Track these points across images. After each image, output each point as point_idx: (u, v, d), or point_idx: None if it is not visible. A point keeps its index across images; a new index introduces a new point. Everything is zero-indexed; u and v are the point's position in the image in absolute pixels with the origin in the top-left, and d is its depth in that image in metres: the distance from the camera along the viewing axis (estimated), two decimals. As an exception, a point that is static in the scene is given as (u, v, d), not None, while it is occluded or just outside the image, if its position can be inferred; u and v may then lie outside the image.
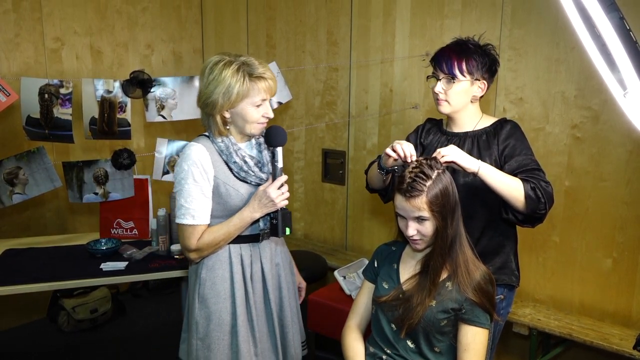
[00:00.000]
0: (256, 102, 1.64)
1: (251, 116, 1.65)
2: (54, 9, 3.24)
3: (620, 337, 2.25)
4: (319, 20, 3.32)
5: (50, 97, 2.54)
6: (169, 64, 3.92)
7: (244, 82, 1.60)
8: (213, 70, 1.61)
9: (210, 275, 1.72)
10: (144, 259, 2.49)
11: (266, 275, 1.77)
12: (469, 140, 1.81)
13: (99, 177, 2.72)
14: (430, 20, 2.81)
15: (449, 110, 1.79)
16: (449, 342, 1.55)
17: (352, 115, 3.25)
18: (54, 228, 3.38)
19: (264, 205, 1.66)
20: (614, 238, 2.38)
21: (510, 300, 1.87)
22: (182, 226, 1.67)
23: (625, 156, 2.31)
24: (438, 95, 1.77)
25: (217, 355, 1.69)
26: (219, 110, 1.63)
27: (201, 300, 1.72)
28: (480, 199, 1.73)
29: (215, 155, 1.68)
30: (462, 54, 1.73)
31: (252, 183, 1.71)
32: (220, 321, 1.70)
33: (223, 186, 1.67)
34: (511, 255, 1.84)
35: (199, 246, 1.67)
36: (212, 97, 1.61)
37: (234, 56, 1.64)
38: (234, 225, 1.67)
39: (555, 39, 2.42)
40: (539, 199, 1.61)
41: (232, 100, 1.61)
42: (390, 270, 1.67)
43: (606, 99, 2.31)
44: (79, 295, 3.28)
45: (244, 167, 1.68)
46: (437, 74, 1.77)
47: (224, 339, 1.70)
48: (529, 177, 1.64)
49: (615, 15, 0.92)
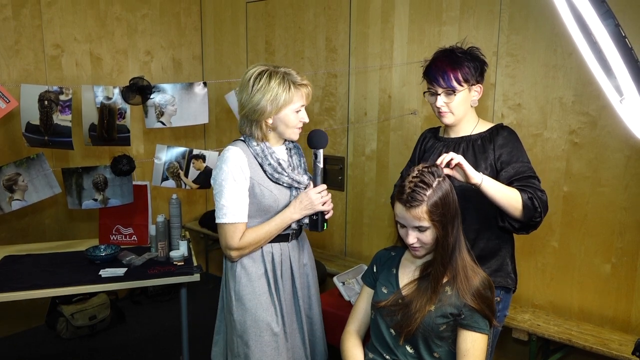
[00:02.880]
0: (297, 108, 1.75)
1: (291, 121, 1.76)
2: (54, 16, 3.25)
3: (619, 343, 2.25)
4: (318, 27, 3.34)
5: (50, 103, 2.54)
6: (169, 71, 3.93)
7: (289, 89, 1.71)
8: (259, 80, 1.70)
9: (245, 273, 1.80)
10: (143, 265, 2.49)
11: (295, 273, 1.87)
12: (464, 145, 1.82)
13: (99, 183, 2.72)
14: (428, 27, 2.83)
15: (452, 120, 1.80)
16: (447, 347, 1.55)
17: (351, 121, 3.26)
18: (53, 234, 3.38)
19: (305, 207, 1.78)
20: (613, 243, 2.38)
21: (507, 303, 1.87)
22: (223, 225, 1.74)
23: (623, 161, 2.32)
24: (440, 108, 1.77)
25: (255, 351, 1.76)
26: (266, 116, 1.73)
27: (238, 298, 1.79)
28: (475, 202, 1.73)
29: (251, 157, 1.77)
30: (455, 65, 1.73)
31: (284, 185, 1.80)
32: (256, 317, 1.77)
33: (258, 187, 1.75)
34: (507, 258, 1.84)
35: (241, 245, 1.74)
36: (260, 104, 1.70)
37: (272, 66, 1.74)
38: (276, 225, 1.78)
39: (552, 45, 2.43)
40: (536, 209, 1.64)
41: (279, 107, 1.71)
42: (390, 275, 1.67)
43: (604, 104, 2.32)
44: (78, 301, 3.27)
45: (278, 169, 1.77)
46: (434, 89, 1.77)
47: (261, 335, 1.77)
48: (525, 187, 1.67)
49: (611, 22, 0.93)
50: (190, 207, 4.22)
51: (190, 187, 2.87)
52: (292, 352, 1.84)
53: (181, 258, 2.56)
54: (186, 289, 2.52)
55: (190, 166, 2.84)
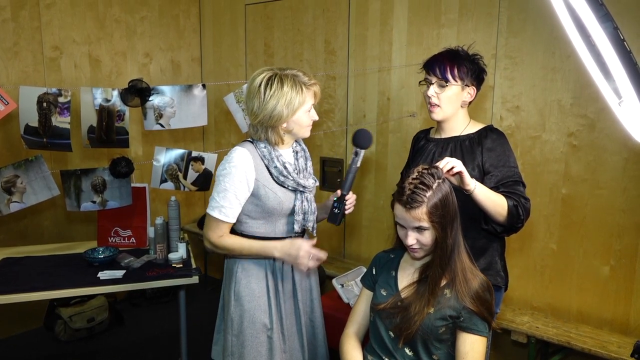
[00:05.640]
0: (308, 108, 1.76)
1: (305, 121, 1.78)
2: (53, 18, 3.25)
3: (618, 345, 2.25)
4: (317, 29, 3.34)
5: (49, 105, 2.54)
6: (167, 73, 3.93)
7: (302, 91, 1.71)
8: (270, 86, 1.69)
9: (246, 274, 1.81)
10: (141, 268, 2.49)
11: (295, 276, 1.86)
12: (452, 145, 1.86)
13: (97, 185, 2.72)
14: (427, 30, 2.84)
15: (441, 117, 1.85)
16: (447, 350, 1.55)
17: (350, 123, 3.26)
18: (52, 236, 3.38)
19: (289, 255, 1.72)
20: (611, 246, 2.38)
21: (498, 300, 1.89)
22: (210, 217, 1.76)
23: (621, 164, 2.32)
24: (431, 99, 1.82)
25: (250, 352, 1.77)
26: (282, 121, 1.73)
27: (236, 298, 1.81)
28: (460, 200, 1.74)
29: (258, 159, 1.76)
30: (454, 60, 1.80)
31: (289, 188, 1.79)
32: (253, 319, 1.78)
33: (262, 188, 1.75)
34: (496, 257, 1.86)
35: (217, 243, 1.77)
36: (276, 110, 1.69)
37: (278, 70, 1.73)
38: (256, 250, 1.76)
39: (551, 47, 2.44)
40: (519, 216, 1.70)
41: (294, 110, 1.72)
42: (389, 277, 1.67)
43: (602, 107, 2.33)
44: (76, 304, 3.26)
45: (284, 172, 1.77)
46: (429, 78, 1.84)
47: (257, 337, 1.78)
48: (510, 193, 1.71)
49: (610, 25, 0.93)
50: (189, 209, 4.22)
51: (189, 189, 2.87)
52: (290, 355, 1.84)
53: (180, 260, 2.55)
54: (185, 291, 2.52)
55: (189, 168, 2.84)
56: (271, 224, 1.81)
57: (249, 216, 1.80)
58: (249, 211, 1.79)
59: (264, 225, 1.81)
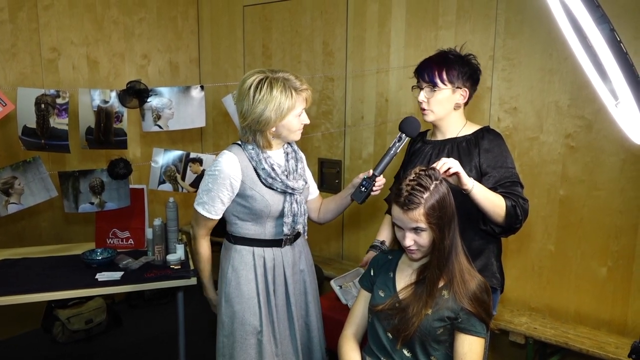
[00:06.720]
0: (298, 113, 1.74)
1: (294, 126, 1.76)
2: (51, 19, 3.25)
3: (616, 346, 2.26)
4: (315, 30, 3.35)
5: (47, 107, 2.54)
6: (166, 74, 3.93)
7: (291, 96, 1.69)
8: (259, 90, 1.67)
9: (235, 275, 1.82)
10: (139, 269, 2.49)
11: (288, 279, 1.86)
12: (449, 147, 1.85)
13: (95, 186, 2.72)
14: (424, 31, 2.84)
15: (433, 119, 1.86)
16: (445, 351, 1.55)
17: (348, 124, 3.27)
18: (50, 238, 3.37)
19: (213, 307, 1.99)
20: (609, 247, 2.39)
21: (494, 302, 1.88)
22: (197, 212, 1.83)
23: (618, 165, 2.33)
24: (422, 103, 1.83)
25: (240, 353, 1.77)
26: (271, 125, 1.72)
27: (227, 300, 1.82)
28: (458, 201, 1.75)
29: (246, 161, 1.77)
30: (443, 64, 1.80)
31: (277, 190, 1.78)
32: (243, 321, 1.79)
33: (250, 190, 1.76)
34: (492, 258, 1.86)
35: (196, 241, 1.89)
36: (264, 114, 1.68)
37: (270, 72, 1.71)
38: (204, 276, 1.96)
39: (548, 49, 2.45)
40: (518, 217, 1.70)
41: (283, 115, 1.70)
42: (387, 278, 1.67)
43: (599, 108, 2.34)
44: (74, 305, 3.26)
45: (272, 174, 1.76)
46: (420, 84, 1.84)
47: (247, 338, 1.78)
48: (509, 194, 1.71)
49: (606, 27, 0.93)
50: (187, 210, 4.21)
51: (187, 191, 2.87)
52: (283, 359, 1.83)
53: (178, 262, 2.55)
54: (183, 292, 2.52)
55: (187, 169, 2.84)
56: (260, 226, 1.81)
57: (237, 217, 1.81)
58: (237, 212, 1.80)
59: (253, 226, 1.81)
